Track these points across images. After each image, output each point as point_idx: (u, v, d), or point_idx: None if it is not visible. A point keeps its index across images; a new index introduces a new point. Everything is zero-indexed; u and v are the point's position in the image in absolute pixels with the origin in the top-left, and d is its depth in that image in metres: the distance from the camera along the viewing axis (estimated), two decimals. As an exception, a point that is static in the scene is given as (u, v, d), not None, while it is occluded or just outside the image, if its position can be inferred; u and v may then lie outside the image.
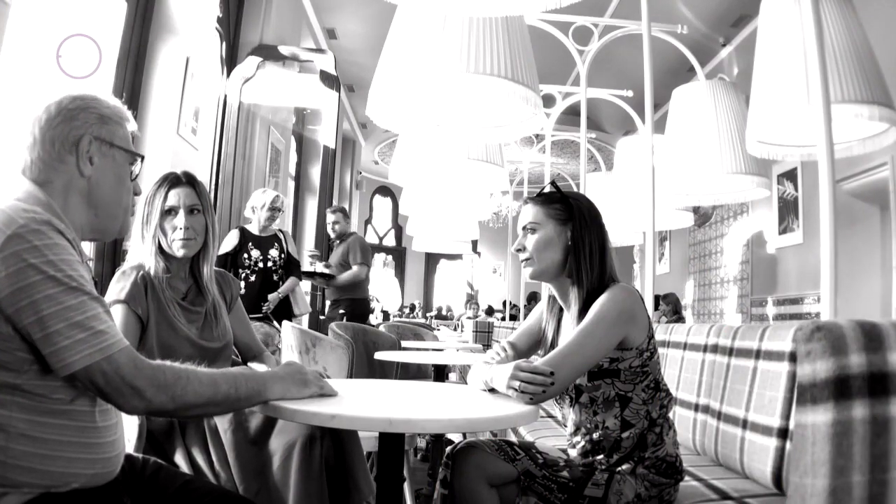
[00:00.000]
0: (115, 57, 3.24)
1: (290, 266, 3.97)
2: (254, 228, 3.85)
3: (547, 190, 1.57)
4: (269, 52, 5.07)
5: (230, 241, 3.77)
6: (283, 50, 5.15)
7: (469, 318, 8.84)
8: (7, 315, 0.90)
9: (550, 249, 1.51)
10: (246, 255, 3.77)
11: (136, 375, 0.96)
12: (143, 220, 1.68)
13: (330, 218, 4.93)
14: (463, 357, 2.83)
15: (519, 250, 1.55)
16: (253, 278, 3.78)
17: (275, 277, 3.88)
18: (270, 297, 3.82)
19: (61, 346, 0.91)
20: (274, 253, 3.88)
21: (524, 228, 1.55)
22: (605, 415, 1.47)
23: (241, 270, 3.75)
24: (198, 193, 1.71)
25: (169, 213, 1.68)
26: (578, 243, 1.49)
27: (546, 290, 1.64)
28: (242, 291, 3.63)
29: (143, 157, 1.19)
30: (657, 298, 6.26)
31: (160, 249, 1.68)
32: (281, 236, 3.97)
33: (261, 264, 3.80)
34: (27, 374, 0.93)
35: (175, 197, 1.68)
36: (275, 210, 3.85)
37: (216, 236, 1.76)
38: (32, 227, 0.93)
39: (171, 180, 1.70)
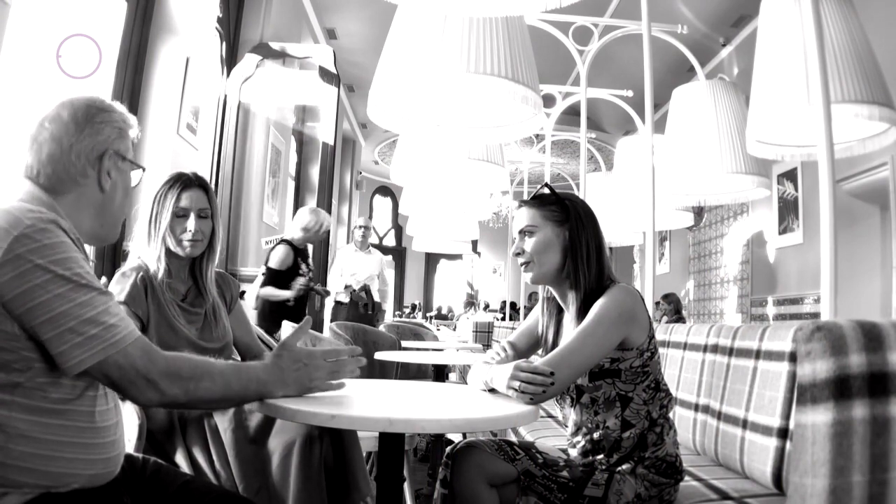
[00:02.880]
0: (115, 57, 3.24)
1: None
2: (295, 242, 3.96)
3: (541, 192, 1.57)
4: (265, 50, 5.06)
5: (287, 259, 3.88)
6: (274, 45, 5.14)
7: (467, 318, 8.84)
8: (15, 315, 0.91)
9: (550, 251, 1.51)
10: (300, 273, 3.92)
11: (150, 368, 0.97)
12: (152, 221, 1.67)
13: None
14: (463, 357, 2.83)
15: (518, 254, 1.55)
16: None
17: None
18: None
19: (73, 343, 0.92)
20: (311, 263, 4.10)
21: (521, 232, 1.55)
22: (606, 415, 1.47)
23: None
24: (208, 198, 1.72)
25: (178, 215, 1.68)
26: (576, 244, 1.49)
27: (542, 291, 1.64)
28: (291, 303, 3.82)
29: (144, 169, 1.20)
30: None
31: (167, 251, 1.68)
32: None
33: (309, 276, 3.98)
34: (30, 372, 0.93)
35: (187, 200, 1.68)
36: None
37: (220, 239, 1.77)
38: (39, 227, 0.93)
39: (184, 182, 1.70)
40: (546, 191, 1.57)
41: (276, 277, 3.83)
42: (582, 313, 1.45)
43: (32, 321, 0.91)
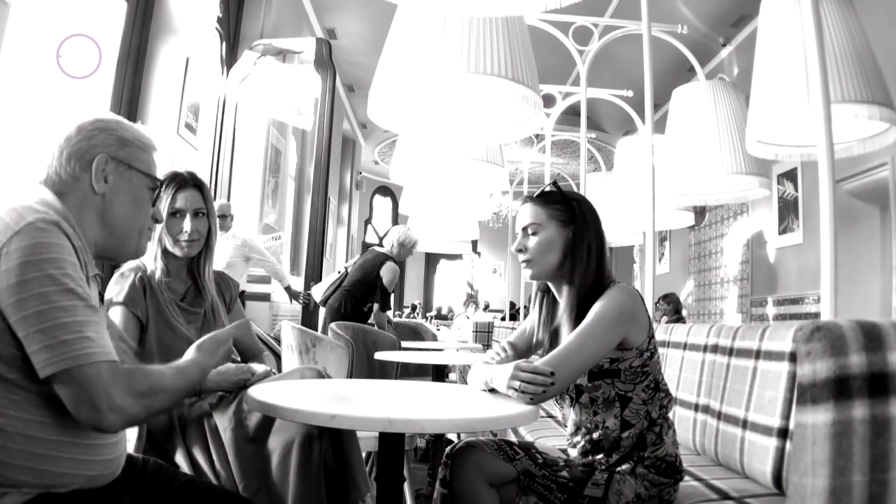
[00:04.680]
0: (115, 57, 3.24)
1: None
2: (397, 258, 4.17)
3: (548, 189, 1.56)
4: (262, 46, 5.05)
5: (397, 277, 4.07)
6: (264, 42, 5.15)
7: (467, 317, 8.84)
8: (1, 309, 0.90)
9: (552, 251, 1.50)
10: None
11: (115, 388, 0.92)
12: None
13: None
14: (463, 357, 2.83)
15: (520, 251, 1.54)
16: None
17: None
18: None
19: (44, 344, 0.90)
20: None
21: (524, 229, 1.54)
22: (606, 415, 1.47)
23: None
24: (204, 198, 1.72)
25: (174, 215, 1.68)
26: (578, 245, 1.49)
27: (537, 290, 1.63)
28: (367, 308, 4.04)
29: (161, 182, 1.20)
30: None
31: (163, 251, 1.68)
32: None
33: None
34: (19, 371, 0.92)
35: (182, 200, 1.68)
36: None
37: (217, 238, 1.77)
38: (39, 226, 0.94)
39: (179, 182, 1.70)
40: (553, 188, 1.56)
41: (388, 296, 4.03)
42: (580, 313, 1.45)
43: (12, 317, 0.90)
